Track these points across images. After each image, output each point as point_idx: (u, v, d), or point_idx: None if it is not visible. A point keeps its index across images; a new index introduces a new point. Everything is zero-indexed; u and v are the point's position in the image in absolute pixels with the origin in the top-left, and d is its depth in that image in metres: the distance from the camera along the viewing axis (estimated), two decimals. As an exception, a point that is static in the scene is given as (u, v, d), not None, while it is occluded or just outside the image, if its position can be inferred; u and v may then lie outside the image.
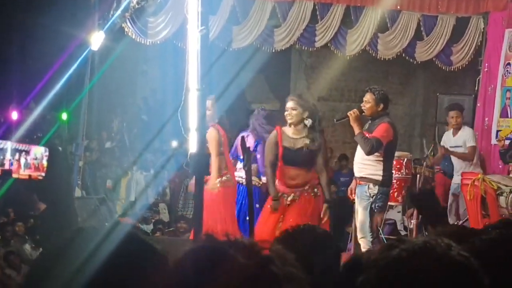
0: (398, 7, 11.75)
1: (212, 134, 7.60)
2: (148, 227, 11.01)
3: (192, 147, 6.54)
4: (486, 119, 11.46)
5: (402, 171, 9.07)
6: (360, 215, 7.81)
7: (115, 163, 13.09)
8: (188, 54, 6.73)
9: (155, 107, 14.88)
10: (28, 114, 10.87)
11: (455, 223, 9.62)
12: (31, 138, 10.15)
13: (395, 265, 1.67)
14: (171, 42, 11.05)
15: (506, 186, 8.66)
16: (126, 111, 14.59)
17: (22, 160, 8.77)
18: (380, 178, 7.68)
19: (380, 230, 9.19)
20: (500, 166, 10.70)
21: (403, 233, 10.39)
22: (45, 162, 8.67)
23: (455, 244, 1.72)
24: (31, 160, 8.72)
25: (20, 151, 8.76)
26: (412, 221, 9.44)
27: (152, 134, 12.82)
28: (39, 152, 8.77)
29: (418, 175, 9.28)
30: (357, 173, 7.97)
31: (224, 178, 7.84)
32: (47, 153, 8.77)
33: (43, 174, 8.66)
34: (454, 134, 10.06)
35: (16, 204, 10.05)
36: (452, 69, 12.16)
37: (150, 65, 14.93)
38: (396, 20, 11.84)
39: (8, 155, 8.71)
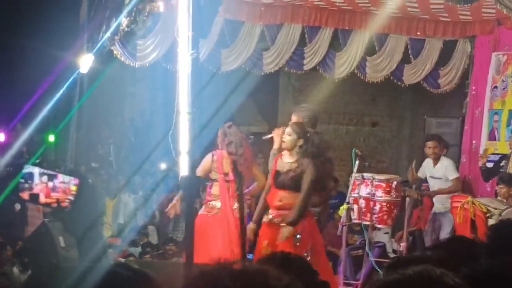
0: (386, 30, 11.84)
1: None
2: (137, 250, 11.00)
3: (183, 170, 6.54)
4: (474, 142, 11.52)
5: (391, 193, 9.06)
6: None
7: (101, 185, 12.99)
8: (178, 77, 6.74)
9: (143, 129, 14.84)
10: (14, 136, 10.82)
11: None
12: (18, 160, 10.08)
13: (393, 286, 1.78)
14: (160, 64, 11.06)
15: (495, 209, 8.68)
16: (113, 133, 14.54)
17: (42, 186, 8.59)
18: None
19: (370, 253, 9.19)
20: (488, 189, 10.73)
21: (392, 256, 10.37)
22: (72, 187, 8.51)
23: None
24: (59, 184, 8.55)
25: (43, 175, 8.60)
26: (401, 244, 9.43)
27: (139, 156, 12.76)
28: (66, 177, 8.64)
29: (407, 198, 9.29)
30: None
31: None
32: (74, 179, 8.61)
33: (71, 198, 8.49)
34: (435, 163, 10.14)
35: (4, 227, 9.97)
36: (439, 92, 12.23)
37: (138, 86, 14.92)
38: (384, 44, 11.92)
39: (36, 180, 8.58)
